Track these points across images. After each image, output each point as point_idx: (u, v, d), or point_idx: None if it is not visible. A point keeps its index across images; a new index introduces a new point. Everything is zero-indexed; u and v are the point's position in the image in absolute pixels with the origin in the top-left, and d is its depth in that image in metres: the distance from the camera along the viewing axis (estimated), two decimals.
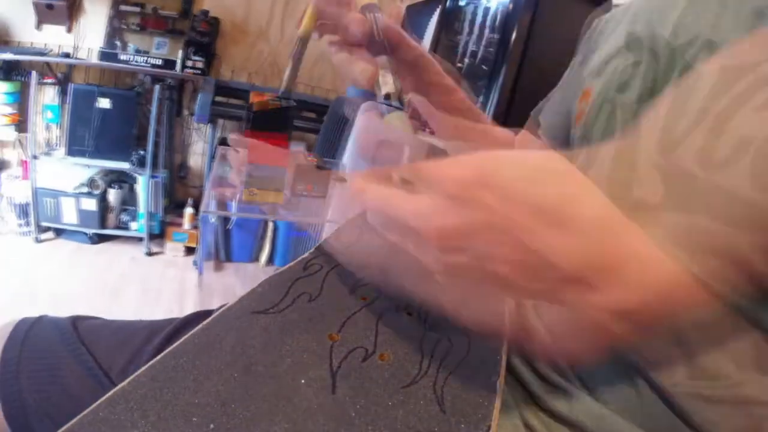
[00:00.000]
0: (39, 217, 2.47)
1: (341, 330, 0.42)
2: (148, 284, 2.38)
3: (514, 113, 1.51)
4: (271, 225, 2.77)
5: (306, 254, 0.53)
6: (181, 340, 0.38)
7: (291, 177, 1.28)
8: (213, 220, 2.65)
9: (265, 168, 1.21)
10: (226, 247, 2.75)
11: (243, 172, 1.12)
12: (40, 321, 0.47)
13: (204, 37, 2.51)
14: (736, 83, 0.39)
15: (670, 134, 0.42)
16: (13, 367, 0.44)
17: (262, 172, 1.21)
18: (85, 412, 0.31)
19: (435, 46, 1.84)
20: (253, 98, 1.15)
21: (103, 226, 2.59)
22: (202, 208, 1.21)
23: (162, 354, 0.36)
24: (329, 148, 2.12)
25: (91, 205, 2.47)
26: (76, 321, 0.48)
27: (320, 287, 0.47)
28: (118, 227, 2.67)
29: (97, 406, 0.32)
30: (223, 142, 2.70)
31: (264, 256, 2.83)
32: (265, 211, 1.21)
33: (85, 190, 2.47)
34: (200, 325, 0.39)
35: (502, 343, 0.43)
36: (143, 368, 0.35)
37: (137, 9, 2.50)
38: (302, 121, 2.72)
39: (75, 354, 0.46)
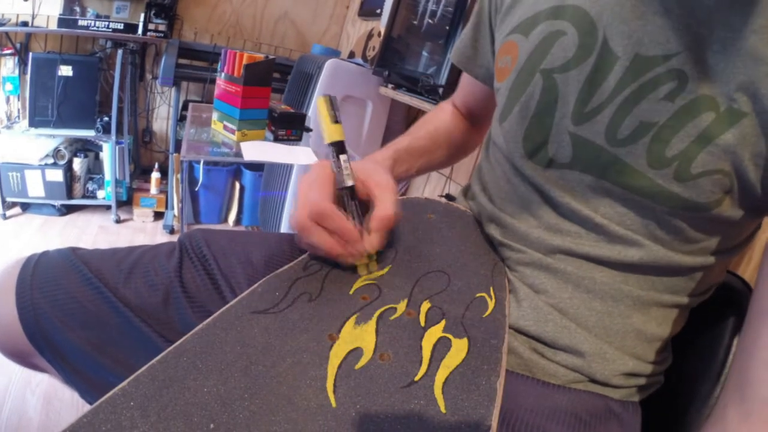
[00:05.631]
0: (4, 193, 2.48)
1: (341, 330, 0.43)
2: None
3: None
4: (237, 185, 2.87)
5: (306, 254, 0.55)
6: (182, 339, 0.39)
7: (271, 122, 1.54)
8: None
9: (253, 111, 1.46)
10: (194, 209, 2.86)
11: None
12: (46, 252, 0.59)
13: None
14: (645, 72, 0.46)
15: (583, 107, 0.50)
16: (27, 282, 0.55)
17: (251, 115, 1.47)
18: (85, 412, 0.33)
19: (396, 6, 2.00)
20: (246, 59, 1.38)
21: (70, 197, 2.64)
22: (182, 154, 1.36)
23: (162, 354, 0.38)
24: (295, 105, 2.22)
25: (57, 176, 2.50)
26: (73, 249, 0.60)
27: (320, 287, 0.49)
28: (85, 197, 2.72)
29: (97, 406, 0.33)
30: (187, 105, 2.85)
31: (232, 216, 2.94)
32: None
33: (51, 161, 2.49)
34: (200, 325, 0.41)
35: (502, 343, 0.45)
36: (143, 368, 0.36)
37: None
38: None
39: (75, 268, 0.56)
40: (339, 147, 0.53)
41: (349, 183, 0.52)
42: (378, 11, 2.65)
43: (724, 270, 0.59)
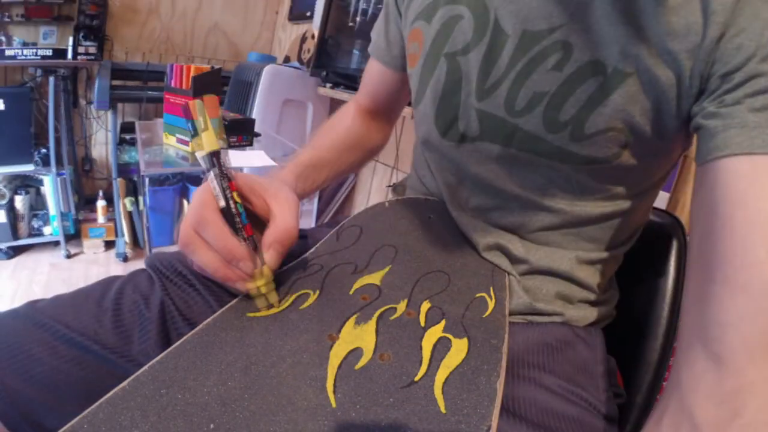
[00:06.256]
0: None
1: (341, 330, 0.43)
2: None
3: None
4: (185, 203, 2.72)
5: (306, 254, 0.55)
6: (182, 340, 0.39)
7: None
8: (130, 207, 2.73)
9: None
10: (143, 233, 2.74)
11: None
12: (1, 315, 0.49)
13: (93, 20, 2.50)
14: (533, 46, 0.49)
15: (483, 84, 0.54)
16: None
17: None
18: (85, 412, 0.32)
19: (329, 8, 2.03)
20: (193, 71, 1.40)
21: (16, 237, 2.52)
22: (142, 168, 1.36)
23: (162, 354, 0.38)
24: (238, 113, 2.21)
25: None
26: (32, 304, 0.50)
27: (320, 287, 0.49)
28: (31, 235, 2.61)
29: (97, 406, 0.33)
30: (125, 127, 2.73)
31: None
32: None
33: None
34: (201, 325, 0.41)
35: (502, 343, 0.45)
36: (143, 368, 0.36)
37: None
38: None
39: (45, 329, 0.47)
40: (206, 161, 0.46)
41: (221, 204, 0.45)
42: (308, 14, 2.68)
43: (646, 213, 0.64)
